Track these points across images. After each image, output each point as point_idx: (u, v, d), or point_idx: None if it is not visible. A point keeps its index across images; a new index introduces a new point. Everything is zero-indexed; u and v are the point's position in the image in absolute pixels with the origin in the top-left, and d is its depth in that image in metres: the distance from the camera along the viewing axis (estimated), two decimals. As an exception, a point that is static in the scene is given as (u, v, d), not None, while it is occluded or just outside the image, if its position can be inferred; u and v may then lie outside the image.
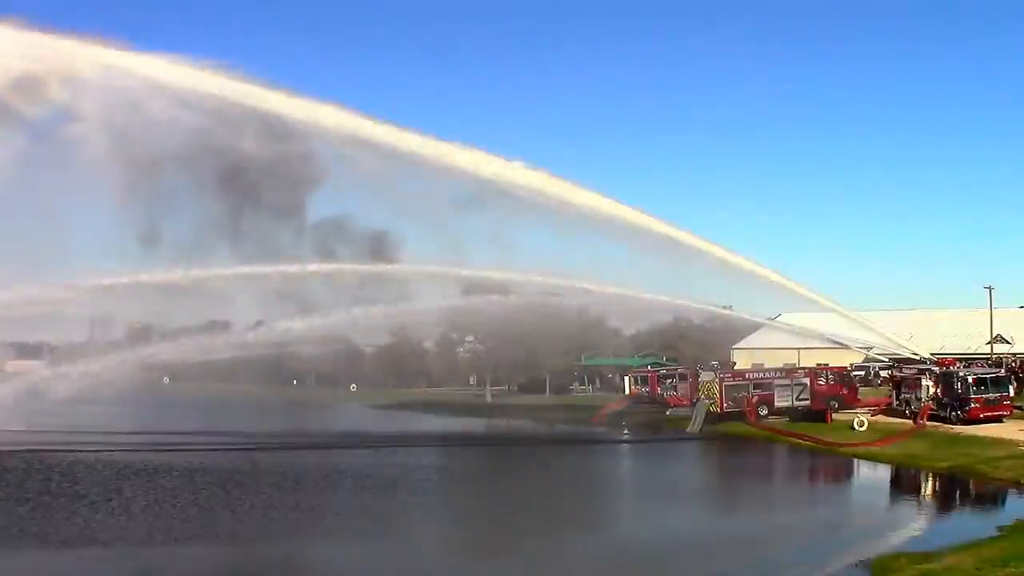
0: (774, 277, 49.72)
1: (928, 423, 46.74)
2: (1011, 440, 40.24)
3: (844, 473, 42.41)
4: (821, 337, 56.66)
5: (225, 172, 49.30)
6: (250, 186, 50.06)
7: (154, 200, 50.71)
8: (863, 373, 64.14)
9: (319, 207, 59.49)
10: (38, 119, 47.90)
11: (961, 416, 46.15)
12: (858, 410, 52.31)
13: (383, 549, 26.05)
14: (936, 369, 50.27)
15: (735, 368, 65.73)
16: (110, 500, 31.57)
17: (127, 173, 49.49)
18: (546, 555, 25.37)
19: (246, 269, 50.90)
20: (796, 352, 68.85)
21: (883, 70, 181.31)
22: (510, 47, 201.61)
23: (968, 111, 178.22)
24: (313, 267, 51.53)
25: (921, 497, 36.39)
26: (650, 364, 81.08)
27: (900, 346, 55.78)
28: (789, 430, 51.47)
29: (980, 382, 46.86)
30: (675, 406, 61.26)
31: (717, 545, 26.56)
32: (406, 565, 24.41)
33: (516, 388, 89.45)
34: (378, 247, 52.61)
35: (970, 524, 28.26)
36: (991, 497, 33.88)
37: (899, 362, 55.83)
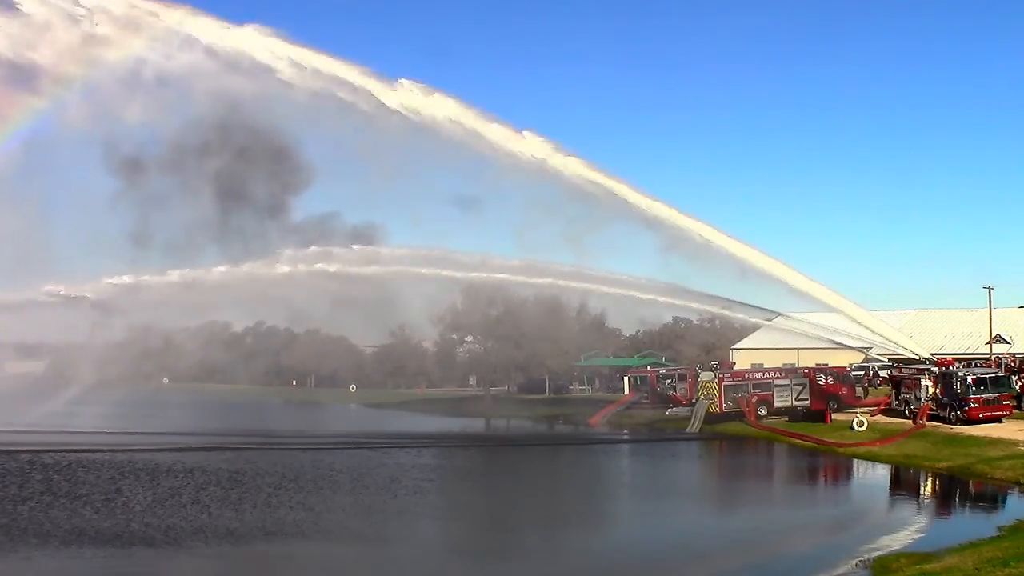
0: (778, 271, 49.36)
1: (927, 423, 46.77)
2: (1010, 440, 40.22)
3: (843, 473, 42.42)
4: (820, 337, 56.58)
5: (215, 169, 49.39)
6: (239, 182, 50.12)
7: (144, 200, 51.05)
8: (863, 373, 64.18)
9: (305, 203, 59.30)
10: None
11: (960, 416, 46.17)
12: (857, 410, 52.32)
13: (381, 547, 26.13)
14: (935, 369, 50.29)
15: (734, 368, 65.76)
16: (111, 500, 31.64)
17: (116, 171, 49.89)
18: (547, 556, 25.43)
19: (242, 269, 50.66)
20: (796, 352, 68.93)
21: (882, 70, 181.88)
22: (511, 47, 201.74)
23: (968, 111, 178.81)
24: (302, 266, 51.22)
25: (920, 497, 36.39)
26: (649, 364, 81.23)
27: (900, 346, 55.74)
28: (788, 430, 51.49)
29: (979, 382, 46.87)
30: (676, 405, 61.33)
31: (716, 545, 26.56)
32: (403, 563, 24.48)
33: (516, 388, 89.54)
34: (364, 244, 52.52)
35: (970, 524, 28.25)
36: (991, 497, 33.87)
37: (898, 362, 55.87)
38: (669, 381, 64.81)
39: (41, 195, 51.94)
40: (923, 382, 49.27)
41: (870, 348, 58.91)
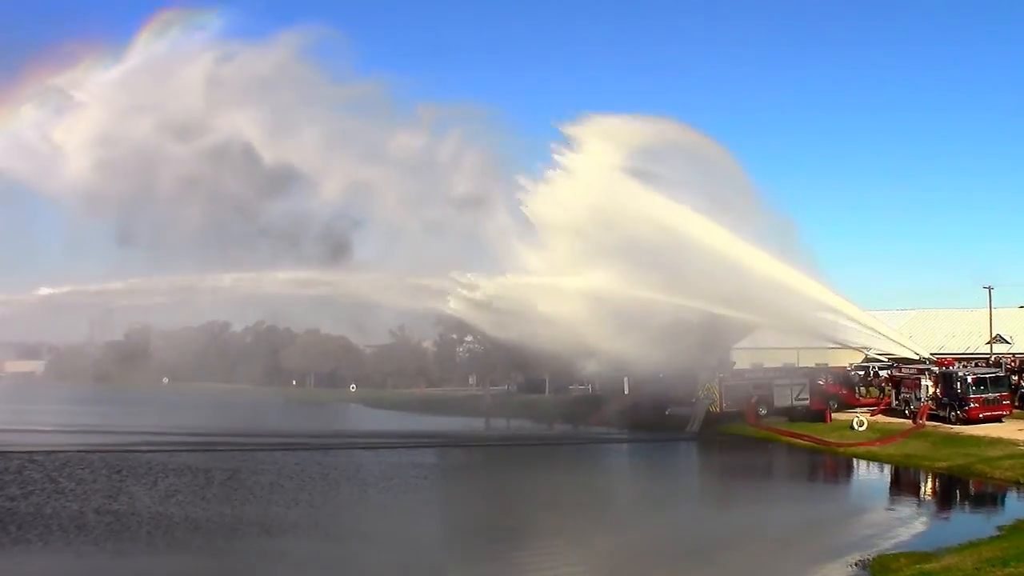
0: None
1: (927, 423, 46.78)
2: (1010, 440, 40.21)
3: (843, 473, 42.44)
4: (820, 336, 56.44)
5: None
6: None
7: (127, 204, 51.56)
8: (863, 373, 64.01)
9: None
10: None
11: (960, 416, 46.19)
12: (857, 410, 52.28)
13: (380, 545, 26.16)
14: (935, 369, 50.28)
15: (734, 368, 65.65)
16: (112, 498, 31.68)
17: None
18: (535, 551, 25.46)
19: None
20: (796, 352, 68.78)
21: (882, 70, 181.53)
22: (511, 48, 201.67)
23: (968, 111, 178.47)
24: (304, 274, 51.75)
25: (920, 497, 36.40)
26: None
27: (900, 345, 55.61)
28: (788, 430, 51.44)
29: (979, 382, 46.88)
30: (676, 405, 61.15)
31: (714, 544, 26.54)
32: (401, 561, 24.51)
33: (515, 387, 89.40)
34: (341, 248, 52.76)
35: (969, 524, 28.27)
36: (990, 497, 33.92)
37: (898, 362, 55.79)
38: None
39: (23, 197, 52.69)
40: (923, 382, 49.29)
41: (870, 348, 58.81)
